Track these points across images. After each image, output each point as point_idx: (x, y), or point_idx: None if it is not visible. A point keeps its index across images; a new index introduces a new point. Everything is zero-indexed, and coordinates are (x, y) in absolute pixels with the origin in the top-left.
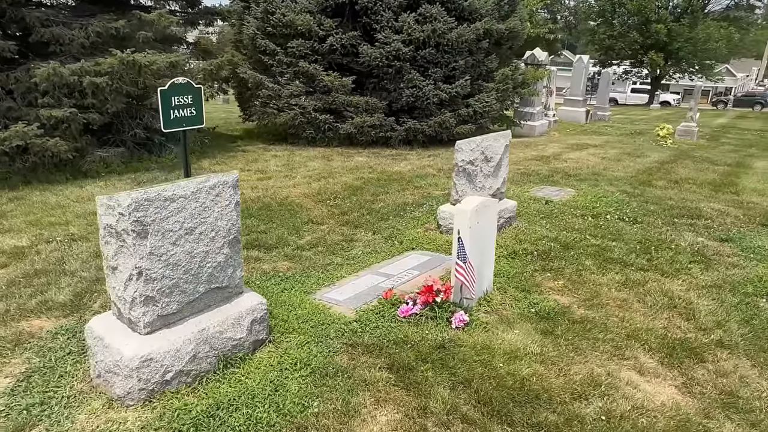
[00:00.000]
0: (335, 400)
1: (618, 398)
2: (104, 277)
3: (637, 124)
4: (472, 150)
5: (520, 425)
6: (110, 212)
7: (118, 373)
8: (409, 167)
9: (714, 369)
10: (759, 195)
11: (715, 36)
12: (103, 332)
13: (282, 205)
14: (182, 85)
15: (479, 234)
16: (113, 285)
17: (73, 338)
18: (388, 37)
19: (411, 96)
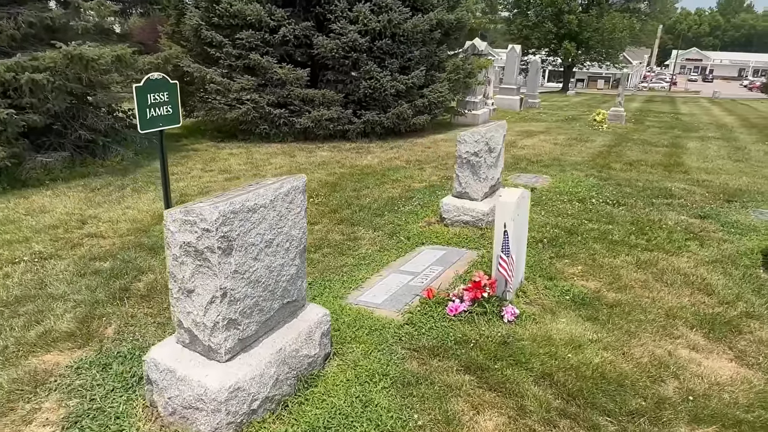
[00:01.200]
0: (432, 410)
1: (689, 376)
2: (103, 299)
3: (565, 110)
4: (476, 141)
5: (619, 415)
6: (189, 228)
7: (203, 408)
8: (376, 160)
9: (754, 339)
10: (706, 173)
11: (619, 26)
12: (172, 364)
13: None
14: (158, 81)
15: (518, 226)
16: (188, 310)
17: (105, 372)
18: (343, 28)
19: (369, 87)
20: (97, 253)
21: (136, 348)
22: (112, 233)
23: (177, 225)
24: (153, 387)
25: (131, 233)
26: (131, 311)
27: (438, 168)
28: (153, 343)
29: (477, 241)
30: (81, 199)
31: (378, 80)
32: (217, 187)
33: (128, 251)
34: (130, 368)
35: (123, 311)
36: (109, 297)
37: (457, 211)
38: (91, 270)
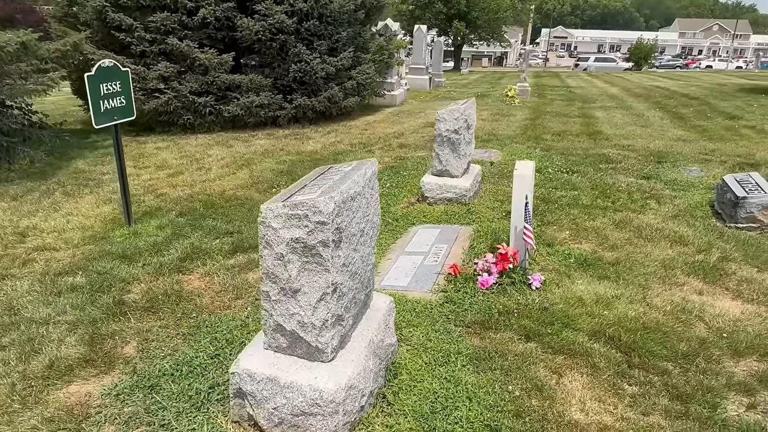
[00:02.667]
0: (518, 380)
1: (711, 317)
2: (100, 316)
3: (470, 87)
4: (456, 119)
5: (676, 358)
6: (297, 223)
7: (317, 413)
8: (319, 146)
9: (740, 278)
10: (625, 139)
11: (503, 5)
12: (273, 372)
13: (229, 201)
14: (109, 69)
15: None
16: (292, 311)
17: (157, 393)
18: (269, 9)
19: (299, 71)
20: (59, 267)
21: (180, 363)
22: (64, 244)
23: (281, 221)
24: (247, 400)
25: (87, 242)
26: (143, 326)
27: (386, 149)
28: (191, 356)
29: (466, 216)
30: (5, 209)
31: (308, 63)
32: (164, 184)
33: (98, 262)
34: (189, 384)
35: (132, 327)
36: (105, 313)
37: (440, 189)
38: (66, 287)
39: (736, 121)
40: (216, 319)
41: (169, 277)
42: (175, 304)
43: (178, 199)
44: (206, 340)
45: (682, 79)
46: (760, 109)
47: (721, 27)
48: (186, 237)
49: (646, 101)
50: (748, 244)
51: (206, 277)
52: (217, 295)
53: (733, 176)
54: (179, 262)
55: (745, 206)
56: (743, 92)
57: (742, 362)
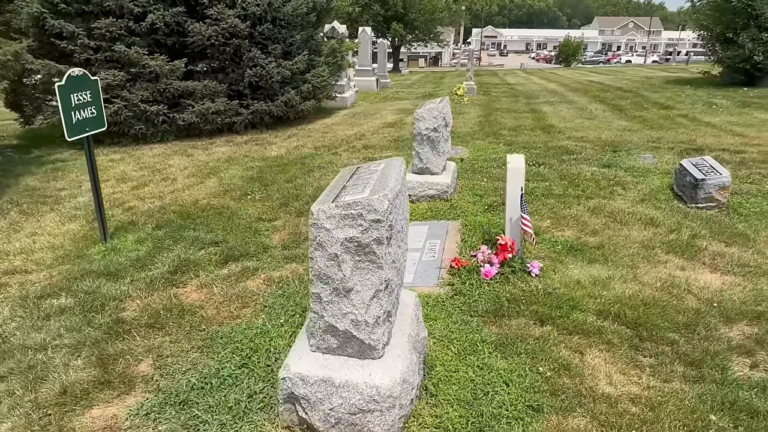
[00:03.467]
0: (545, 362)
1: (698, 289)
2: (101, 336)
3: (415, 87)
4: (435, 117)
5: (679, 329)
6: (351, 222)
7: (375, 409)
8: (283, 150)
9: (712, 253)
10: (576, 131)
11: (439, 7)
12: (325, 373)
13: (204, 210)
14: (79, 78)
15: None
16: (345, 311)
17: (190, 408)
18: (221, 13)
19: (254, 75)
20: (38, 290)
21: (207, 376)
22: (36, 266)
23: (335, 222)
24: (300, 404)
25: (62, 262)
26: (151, 342)
27: (351, 151)
28: (216, 368)
29: (450, 212)
30: None
31: (263, 67)
32: (130, 197)
33: (81, 281)
34: (224, 396)
35: (140, 344)
36: (107, 333)
37: (422, 187)
38: (54, 309)
39: (670, 110)
40: (229, 330)
41: (163, 291)
42: (179, 318)
43: (150, 211)
44: (227, 351)
45: (611, 74)
46: (688, 99)
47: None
48: (169, 250)
49: (585, 95)
50: (711, 221)
51: (203, 288)
52: (221, 306)
53: (689, 160)
54: (170, 276)
55: (704, 187)
56: (669, 84)
57: (735, 327)
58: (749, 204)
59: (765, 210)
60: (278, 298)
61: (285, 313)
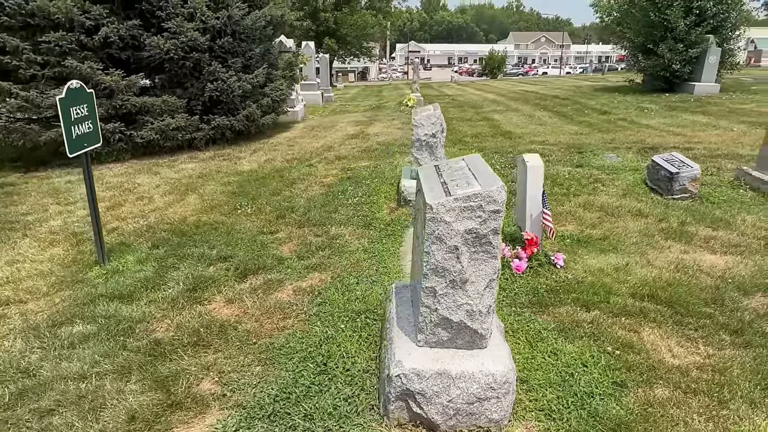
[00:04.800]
0: (609, 342)
1: (708, 269)
2: (145, 360)
3: (358, 100)
4: (433, 123)
5: (708, 304)
6: (470, 214)
7: (491, 396)
8: (255, 165)
9: (703, 237)
10: (535, 136)
11: (370, 23)
12: (440, 366)
13: (199, 227)
14: (77, 91)
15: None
16: (460, 302)
17: (283, 419)
18: (180, 26)
19: (215, 90)
20: (47, 319)
21: (286, 386)
22: (30, 295)
23: (454, 215)
24: (414, 400)
25: (59, 288)
26: (203, 361)
27: (326, 163)
28: (292, 378)
29: None
30: None
31: (224, 81)
32: (109, 218)
33: (92, 306)
34: (317, 404)
35: (193, 363)
36: (149, 356)
37: None
38: (76, 337)
39: (609, 115)
40: (284, 341)
41: (190, 309)
42: (222, 334)
43: (138, 231)
44: (294, 361)
45: (540, 84)
46: (622, 105)
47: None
48: (175, 268)
49: (527, 104)
50: (690, 210)
51: (232, 303)
52: (261, 319)
53: (660, 156)
54: (189, 294)
55: (678, 180)
56: (599, 92)
57: (754, 299)
58: (717, 193)
59: (732, 197)
60: (322, 306)
61: (339, 319)
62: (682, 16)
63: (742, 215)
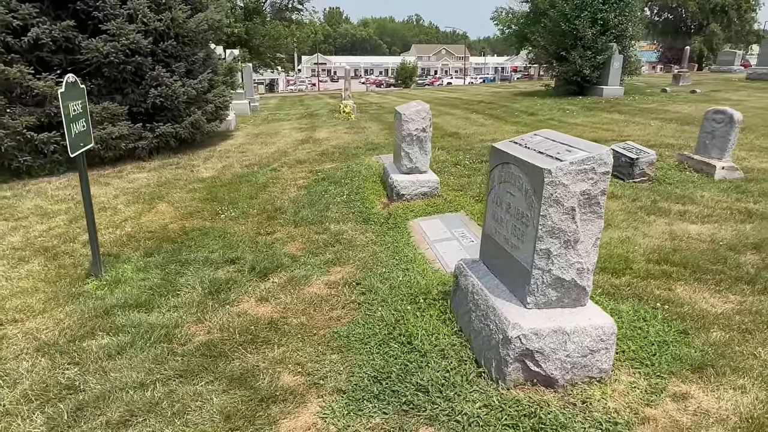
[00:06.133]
0: (654, 301)
1: (696, 235)
2: (205, 364)
3: (285, 109)
4: (423, 118)
5: (714, 263)
6: (584, 177)
7: (602, 348)
8: (215, 172)
9: (677, 211)
10: (480, 135)
11: (283, 33)
12: (555, 324)
13: (187, 233)
14: (74, 86)
15: None
16: (572, 261)
17: (393, 396)
18: (121, 28)
19: (159, 95)
20: (62, 335)
21: (380, 369)
22: (25, 314)
23: (571, 177)
24: (533, 359)
25: (57, 303)
26: (269, 356)
27: (289, 166)
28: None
29: (447, 205)
30: None
31: (168, 86)
32: (77, 231)
33: (110, 318)
34: (422, 378)
35: (260, 359)
36: (207, 357)
37: (414, 186)
38: (111, 349)
39: (537, 116)
40: (347, 329)
41: (222, 311)
42: (274, 331)
43: (119, 241)
44: (374, 345)
45: (458, 92)
46: (544, 107)
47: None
48: (181, 274)
49: (457, 108)
50: (654, 190)
51: (265, 302)
52: (308, 312)
53: (618, 145)
54: (212, 297)
55: (638, 164)
56: (518, 96)
57: (747, 256)
58: (669, 176)
59: (683, 178)
60: (367, 295)
61: (398, 303)
62: (589, 26)
63: (699, 192)
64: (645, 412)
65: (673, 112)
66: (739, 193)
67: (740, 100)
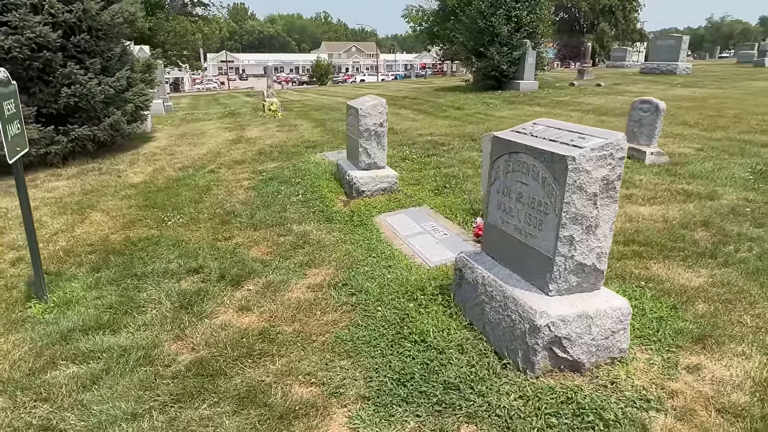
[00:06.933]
0: (635, 279)
1: (649, 215)
2: (203, 386)
3: (200, 108)
4: (381, 113)
5: (673, 240)
6: (603, 162)
7: (620, 328)
8: (145, 176)
9: (624, 194)
10: (417, 130)
11: (189, 30)
12: (578, 309)
13: (134, 244)
14: (6, 83)
15: None
16: (592, 246)
17: (423, 397)
18: (25, 20)
19: (73, 95)
20: (16, 368)
21: (400, 369)
22: None
23: (593, 163)
24: (560, 345)
25: (4, 333)
26: (275, 368)
27: (228, 168)
28: (400, 362)
29: (409, 200)
30: None
31: (83, 85)
32: (2, 249)
33: (68, 345)
34: (450, 373)
35: (262, 373)
36: (203, 378)
37: (374, 182)
38: (81, 381)
39: (464, 110)
40: (350, 332)
41: (202, 326)
42: (269, 341)
43: (56, 257)
44: (384, 346)
45: (379, 88)
46: (469, 101)
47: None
48: (140, 289)
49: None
50: None
51: (248, 311)
52: (299, 318)
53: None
54: (184, 310)
55: None
56: (441, 91)
57: (699, 232)
58: None
59: None
60: (358, 296)
61: (396, 301)
62: (505, 23)
63: (637, 176)
64: (669, 386)
65: (587, 104)
66: (671, 176)
67: (641, 91)
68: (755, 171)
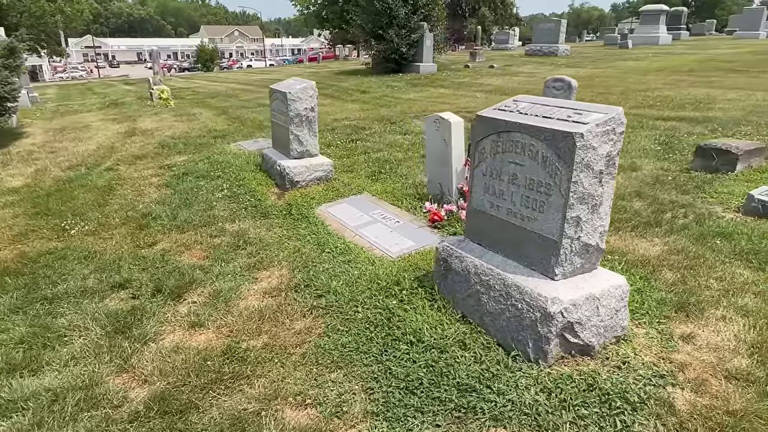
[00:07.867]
0: None
1: None
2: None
3: (74, 99)
4: (311, 96)
5: (618, 212)
6: (607, 138)
7: (622, 306)
8: (26, 179)
9: None
10: (327, 114)
11: (48, 10)
12: (586, 291)
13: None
14: None
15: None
16: (596, 224)
17: (451, 399)
18: None
19: None
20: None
21: (405, 377)
22: None
23: (599, 140)
24: (572, 331)
25: None
26: (251, 395)
27: (128, 164)
28: (399, 372)
29: (347, 188)
30: None
31: None
32: None
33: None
34: (460, 375)
35: (242, 401)
36: (172, 418)
37: (308, 171)
38: None
39: (370, 94)
40: (331, 339)
41: (149, 352)
42: (238, 361)
43: None
44: (374, 353)
45: (274, 73)
46: (373, 85)
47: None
48: (57, 314)
49: None
50: None
51: (201, 327)
52: (265, 330)
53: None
54: (121, 336)
55: None
56: (340, 75)
57: (634, 203)
58: None
59: None
60: (326, 297)
61: (373, 295)
62: (402, 5)
63: None
64: (675, 358)
65: (487, 85)
66: None
67: (531, 72)
68: (661, 142)
